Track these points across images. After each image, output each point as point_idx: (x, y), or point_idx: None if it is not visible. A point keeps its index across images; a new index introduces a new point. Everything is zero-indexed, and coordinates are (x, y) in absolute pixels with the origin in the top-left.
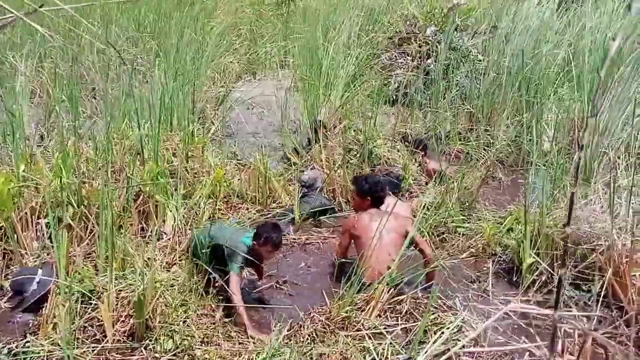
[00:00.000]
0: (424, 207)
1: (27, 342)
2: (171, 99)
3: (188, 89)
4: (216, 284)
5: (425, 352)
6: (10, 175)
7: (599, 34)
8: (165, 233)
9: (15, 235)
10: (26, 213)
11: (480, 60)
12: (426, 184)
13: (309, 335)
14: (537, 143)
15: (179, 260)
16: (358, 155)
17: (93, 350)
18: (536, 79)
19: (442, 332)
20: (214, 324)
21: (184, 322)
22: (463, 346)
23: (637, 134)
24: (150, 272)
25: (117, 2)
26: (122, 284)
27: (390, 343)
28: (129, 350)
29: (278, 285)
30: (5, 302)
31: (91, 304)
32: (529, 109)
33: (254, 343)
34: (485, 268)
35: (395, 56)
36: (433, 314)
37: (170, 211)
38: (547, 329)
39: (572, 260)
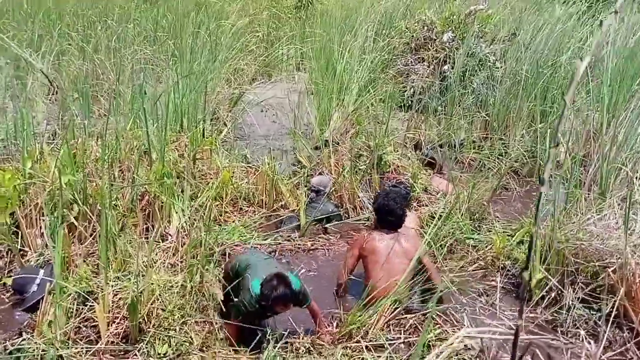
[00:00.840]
0: (433, 218)
1: (23, 340)
2: (182, 99)
3: (200, 89)
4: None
5: None
6: (16, 172)
7: (620, 41)
8: (170, 234)
9: (20, 232)
10: (31, 210)
11: (497, 68)
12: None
13: (305, 347)
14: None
15: (180, 262)
16: (367, 161)
17: (87, 351)
18: (554, 88)
19: (443, 348)
20: (211, 332)
21: (181, 327)
22: None
23: None
24: (147, 274)
25: (135, 2)
26: (119, 285)
27: (390, 356)
28: (123, 353)
29: None
30: (8, 299)
31: (87, 305)
32: (545, 119)
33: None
34: (493, 281)
35: (411, 62)
36: (439, 328)
37: (176, 212)
38: (550, 347)
39: (582, 278)
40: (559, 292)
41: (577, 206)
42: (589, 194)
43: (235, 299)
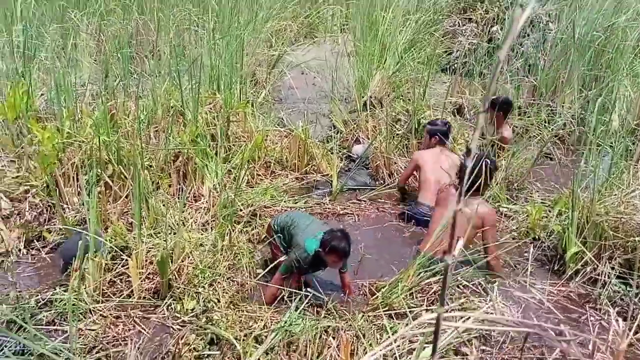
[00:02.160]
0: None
1: (55, 293)
2: (219, 60)
3: (237, 50)
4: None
5: (445, 338)
6: (55, 131)
7: None
8: (203, 195)
9: (58, 190)
10: (68, 169)
11: (550, 30)
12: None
13: (327, 311)
14: (602, 122)
15: (212, 221)
16: (405, 126)
17: (116, 306)
18: (609, 51)
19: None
20: (238, 291)
21: (211, 285)
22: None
23: None
24: (178, 232)
25: None
26: (152, 242)
27: (408, 324)
28: (152, 308)
29: None
30: (46, 254)
31: (123, 259)
32: (598, 85)
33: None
34: (526, 253)
35: (458, 22)
36: (464, 297)
37: (209, 174)
38: (585, 321)
39: (620, 253)
40: (595, 266)
41: (621, 178)
42: (636, 166)
43: (285, 256)
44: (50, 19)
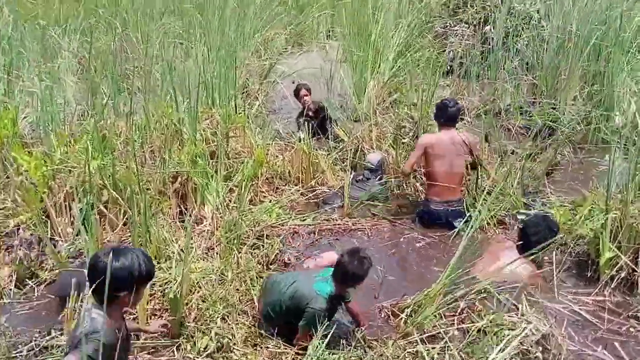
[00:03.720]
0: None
1: (52, 338)
2: (212, 74)
3: (230, 63)
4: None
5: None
6: (44, 157)
7: None
8: (205, 217)
9: (50, 222)
10: (60, 198)
11: (543, 27)
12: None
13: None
14: (607, 118)
15: (217, 245)
16: (411, 133)
17: None
18: (608, 46)
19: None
20: (254, 325)
21: (223, 318)
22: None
23: None
24: (186, 267)
25: None
26: (157, 275)
27: (447, 346)
28: (161, 349)
29: None
30: (41, 293)
31: None
32: (598, 80)
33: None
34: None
35: (449, 24)
36: (492, 313)
37: (210, 194)
38: (626, 332)
39: None
40: (631, 271)
41: None
42: None
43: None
44: (30, 39)
